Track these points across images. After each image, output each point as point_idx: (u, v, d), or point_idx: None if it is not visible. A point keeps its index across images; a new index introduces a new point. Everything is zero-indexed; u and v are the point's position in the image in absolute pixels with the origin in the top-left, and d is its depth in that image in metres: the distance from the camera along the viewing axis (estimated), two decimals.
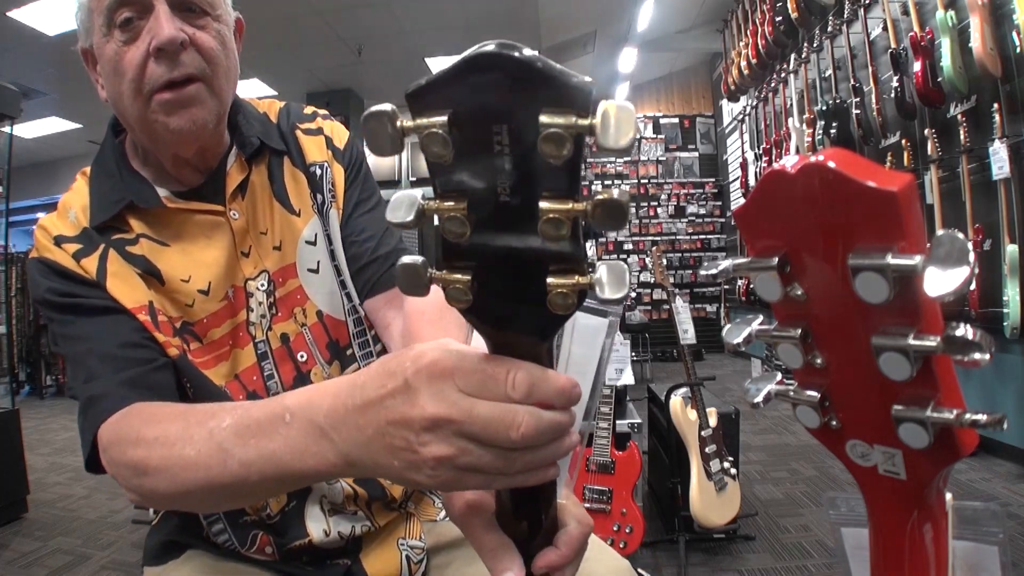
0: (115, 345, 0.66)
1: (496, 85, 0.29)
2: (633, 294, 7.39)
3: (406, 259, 0.34)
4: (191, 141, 0.70)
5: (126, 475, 0.57)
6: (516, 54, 0.29)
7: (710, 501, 2.06)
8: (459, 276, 0.34)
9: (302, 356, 0.77)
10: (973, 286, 2.17)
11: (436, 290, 0.35)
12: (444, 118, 0.30)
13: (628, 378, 2.02)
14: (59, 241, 0.71)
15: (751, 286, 3.77)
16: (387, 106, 0.32)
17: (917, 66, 3.21)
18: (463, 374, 0.35)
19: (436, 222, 0.33)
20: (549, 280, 0.33)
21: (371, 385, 0.38)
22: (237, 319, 0.74)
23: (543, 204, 0.31)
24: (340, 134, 0.85)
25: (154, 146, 0.71)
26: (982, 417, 0.30)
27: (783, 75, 4.96)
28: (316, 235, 0.79)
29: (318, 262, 0.79)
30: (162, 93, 0.65)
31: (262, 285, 0.75)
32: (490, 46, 0.29)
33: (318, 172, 0.81)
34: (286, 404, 0.45)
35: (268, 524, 0.75)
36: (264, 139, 0.78)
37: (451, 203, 0.32)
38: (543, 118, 0.28)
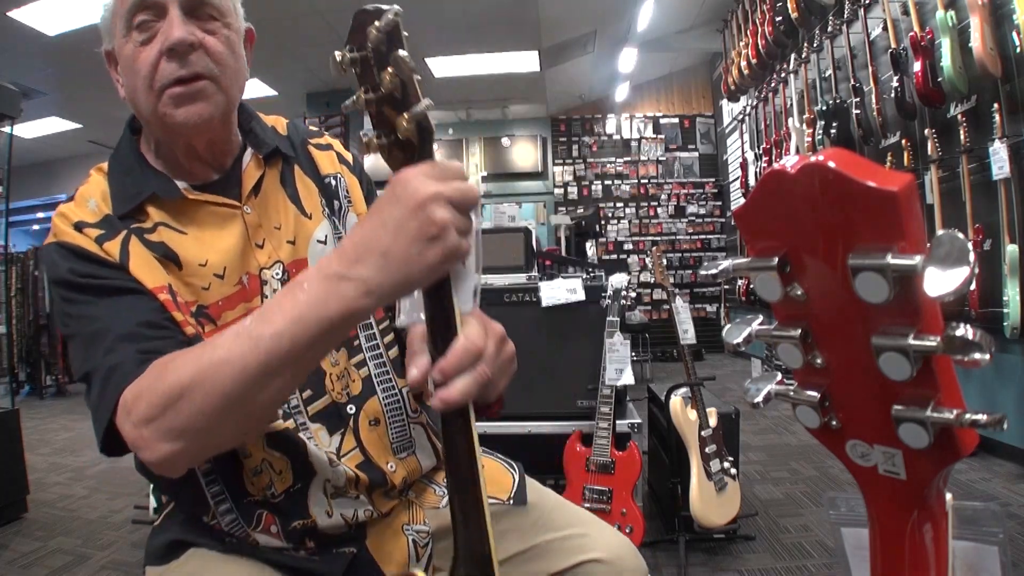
0: (135, 324, 0.67)
1: None
2: (633, 294, 7.39)
3: None
4: (199, 132, 0.75)
5: (159, 416, 0.57)
6: None
7: (710, 501, 2.06)
8: None
9: None
10: (973, 286, 2.17)
11: None
12: None
13: (628, 378, 2.02)
14: (80, 227, 0.73)
15: (751, 286, 3.77)
16: None
17: (917, 66, 3.21)
18: (437, 169, 0.54)
19: None
20: None
21: (376, 219, 0.54)
22: (251, 304, 0.77)
23: None
24: (345, 150, 0.93)
25: (167, 138, 0.77)
26: (982, 417, 0.30)
27: (783, 75, 4.96)
28: (327, 236, 0.84)
29: None
30: (172, 88, 0.71)
31: (277, 274, 0.79)
32: None
33: (332, 183, 0.88)
34: (297, 279, 0.56)
35: (273, 504, 0.76)
36: (278, 144, 0.84)
37: None
38: None
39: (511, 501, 0.88)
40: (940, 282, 0.27)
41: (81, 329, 0.69)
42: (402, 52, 0.53)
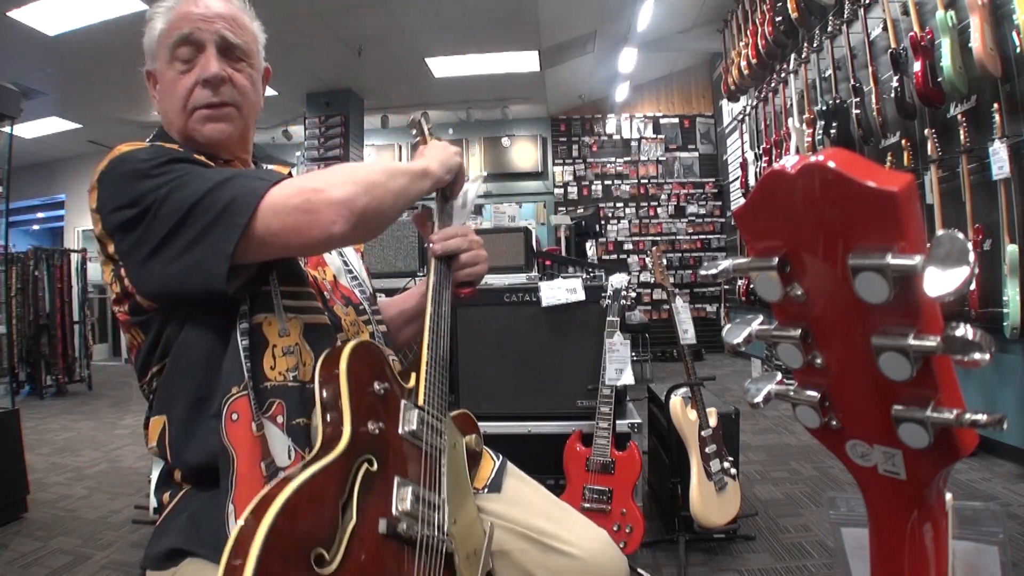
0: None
1: None
2: (633, 294, 7.39)
3: None
4: (221, 146, 0.93)
5: (358, 193, 0.76)
6: None
7: (710, 501, 2.06)
8: None
9: (326, 293, 0.95)
10: (973, 286, 2.17)
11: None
12: None
13: (628, 378, 2.02)
14: (153, 142, 0.88)
15: (751, 286, 3.78)
16: None
17: (917, 66, 3.21)
18: (450, 150, 1.04)
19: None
20: None
21: (433, 149, 1.03)
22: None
23: None
24: None
25: (185, 139, 0.91)
26: (982, 417, 0.30)
27: (783, 75, 4.96)
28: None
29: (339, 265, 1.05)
30: (203, 110, 0.89)
31: None
32: None
33: None
34: (410, 167, 0.92)
35: (287, 390, 0.80)
36: None
37: None
38: None
39: (486, 490, 0.94)
40: (940, 282, 0.27)
41: (189, 175, 0.77)
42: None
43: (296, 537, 0.58)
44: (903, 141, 3.56)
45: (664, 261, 2.77)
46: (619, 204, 8.00)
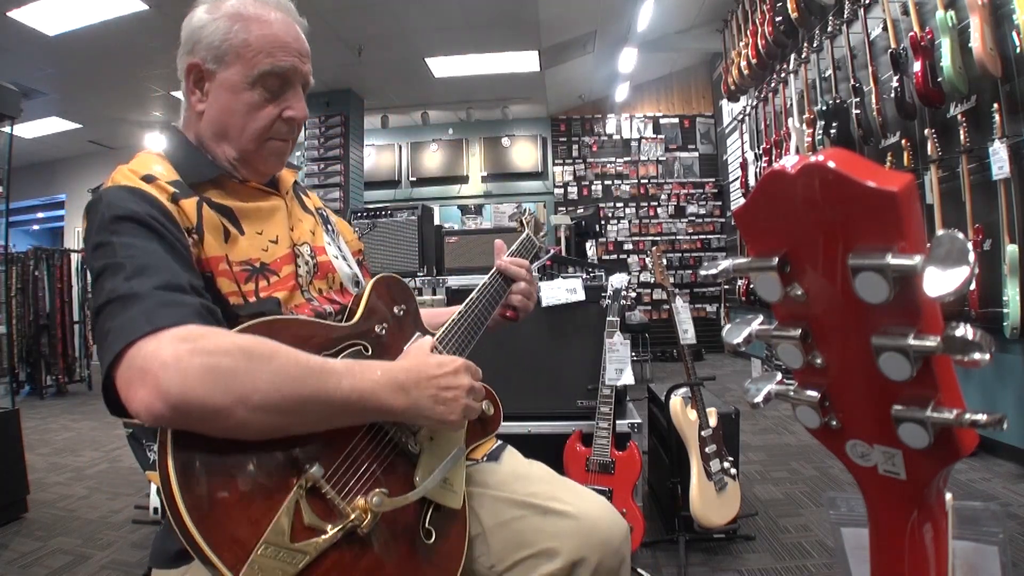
0: (190, 280, 0.74)
1: None
2: (633, 294, 7.39)
3: None
4: (271, 174, 0.97)
5: (222, 359, 0.64)
6: None
7: (710, 501, 2.06)
8: None
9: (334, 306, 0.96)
10: (973, 286, 2.17)
11: None
12: None
13: (628, 378, 2.02)
14: (149, 179, 0.81)
15: (751, 286, 3.77)
16: None
17: (917, 66, 3.21)
18: (468, 367, 0.84)
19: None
20: None
21: (430, 366, 0.79)
22: (293, 267, 0.92)
23: None
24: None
25: (241, 160, 0.91)
26: (982, 417, 0.30)
27: (783, 75, 4.96)
28: (329, 241, 1.03)
29: (336, 255, 1.03)
30: (276, 142, 0.92)
31: (307, 251, 0.96)
32: None
33: (324, 213, 1.11)
34: (373, 363, 0.77)
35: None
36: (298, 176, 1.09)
37: None
38: None
39: (484, 459, 1.03)
40: (940, 282, 0.27)
41: (131, 258, 0.71)
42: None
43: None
44: (903, 141, 3.56)
45: (664, 261, 2.77)
46: (619, 204, 8.00)
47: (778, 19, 4.73)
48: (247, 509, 0.64)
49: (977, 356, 0.28)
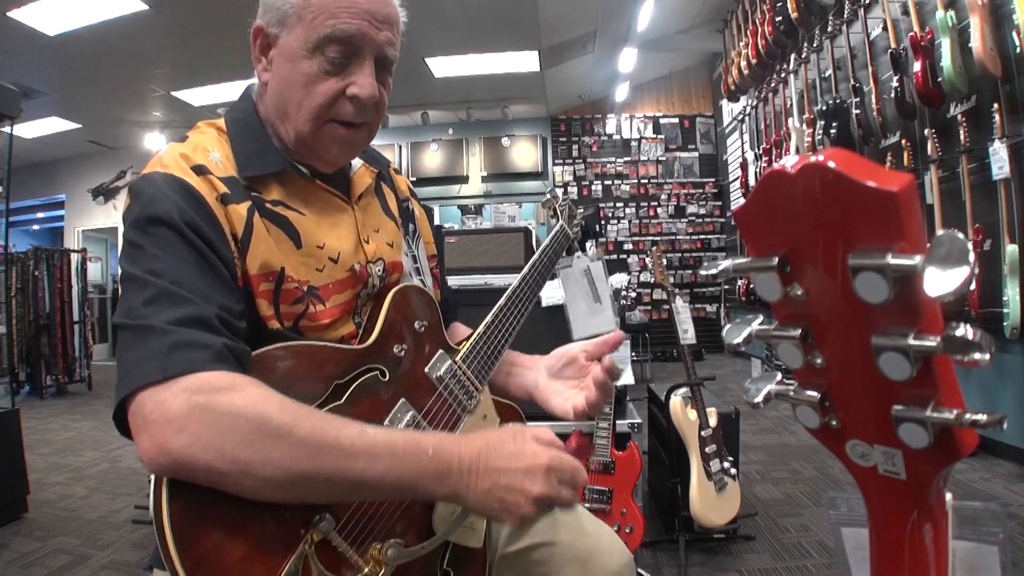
0: (218, 307, 0.65)
1: None
2: (633, 294, 7.39)
3: None
4: (337, 165, 0.83)
5: (232, 423, 0.57)
6: None
7: (710, 501, 2.06)
8: None
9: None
10: (973, 286, 2.16)
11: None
12: None
13: (628, 378, 2.02)
14: (201, 171, 0.71)
15: (751, 286, 3.77)
16: None
17: (917, 66, 3.21)
18: (559, 471, 0.66)
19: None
20: None
21: (500, 456, 0.65)
22: (357, 289, 0.81)
23: None
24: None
25: (302, 144, 0.79)
26: (982, 417, 0.30)
27: (783, 75, 4.96)
28: (407, 251, 0.94)
29: (411, 271, 0.93)
30: (339, 127, 0.77)
31: (378, 271, 0.84)
32: None
33: (408, 206, 0.99)
34: (426, 442, 0.64)
35: None
36: (382, 162, 0.96)
37: None
38: None
39: None
40: (940, 282, 0.27)
41: (158, 274, 0.63)
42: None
43: (275, 382, 0.63)
44: (903, 141, 3.56)
45: (664, 261, 2.76)
46: (619, 204, 8.00)
47: (778, 19, 4.73)
48: (251, 566, 0.58)
49: (977, 356, 0.28)
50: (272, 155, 0.78)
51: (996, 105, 2.86)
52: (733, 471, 2.16)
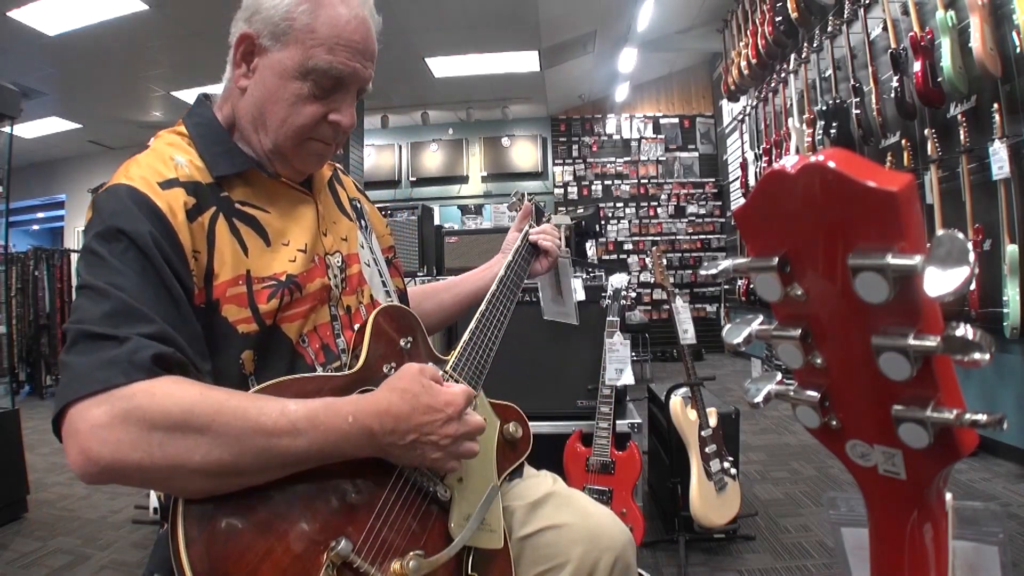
0: (162, 326, 0.66)
1: None
2: (633, 294, 7.39)
3: None
4: (307, 174, 0.89)
5: (156, 424, 0.59)
6: None
7: (710, 501, 2.06)
8: None
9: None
10: (973, 286, 2.17)
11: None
12: None
13: (628, 378, 2.02)
14: (168, 185, 0.73)
15: (751, 286, 3.77)
16: None
17: (917, 66, 3.21)
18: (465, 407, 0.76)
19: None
20: None
21: (417, 411, 0.70)
22: (325, 280, 0.85)
23: None
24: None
25: (276, 154, 0.83)
26: (982, 417, 0.30)
27: (783, 75, 4.96)
28: (363, 243, 0.97)
29: (369, 261, 0.97)
30: (317, 143, 0.83)
31: (337, 262, 0.88)
32: None
33: (358, 204, 1.04)
34: (346, 408, 0.68)
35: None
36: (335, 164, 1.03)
37: None
38: None
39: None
40: (940, 282, 0.27)
41: (114, 288, 0.65)
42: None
43: None
44: (903, 141, 3.56)
45: (664, 261, 2.76)
46: (619, 204, 8.00)
47: (778, 19, 4.73)
48: None
49: (977, 356, 0.28)
50: (238, 156, 0.81)
51: (996, 105, 2.86)
52: (733, 471, 2.16)
